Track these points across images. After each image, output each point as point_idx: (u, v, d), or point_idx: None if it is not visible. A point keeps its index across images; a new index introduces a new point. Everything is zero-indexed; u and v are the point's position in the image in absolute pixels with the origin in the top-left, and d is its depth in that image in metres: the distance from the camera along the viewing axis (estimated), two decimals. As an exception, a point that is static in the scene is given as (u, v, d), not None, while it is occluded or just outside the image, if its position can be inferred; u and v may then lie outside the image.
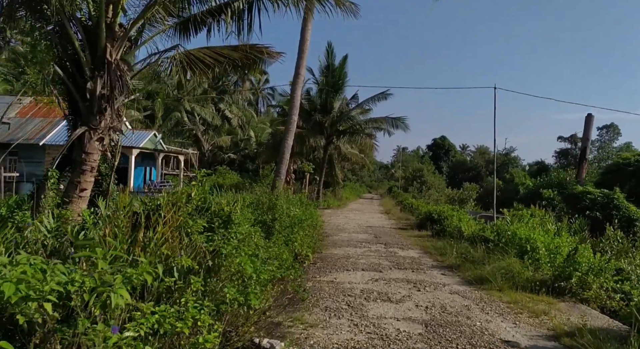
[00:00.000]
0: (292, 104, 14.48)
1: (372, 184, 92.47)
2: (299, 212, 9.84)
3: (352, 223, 18.85)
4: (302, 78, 14.51)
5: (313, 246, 10.00)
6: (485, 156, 78.71)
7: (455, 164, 78.14)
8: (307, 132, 28.76)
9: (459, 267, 9.24)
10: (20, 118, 26.94)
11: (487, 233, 10.82)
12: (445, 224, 14.68)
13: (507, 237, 9.39)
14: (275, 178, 14.16)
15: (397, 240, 13.73)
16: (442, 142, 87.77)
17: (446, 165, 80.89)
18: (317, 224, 12.14)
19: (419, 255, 10.98)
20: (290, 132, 14.15)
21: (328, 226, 17.13)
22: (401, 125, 30.22)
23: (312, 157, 33.64)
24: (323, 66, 29.80)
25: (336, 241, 12.68)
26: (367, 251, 11.28)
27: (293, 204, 10.45)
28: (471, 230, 12.22)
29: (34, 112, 27.20)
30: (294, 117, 14.15)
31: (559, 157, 64.26)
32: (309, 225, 10.32)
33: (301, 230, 9.28)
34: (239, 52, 11.17)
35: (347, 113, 29.99)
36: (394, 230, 16.96)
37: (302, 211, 10.27)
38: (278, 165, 14.22)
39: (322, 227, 14.49)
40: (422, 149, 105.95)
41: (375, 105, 30.42)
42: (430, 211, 17.36)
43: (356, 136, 30.58)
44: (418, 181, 47.80)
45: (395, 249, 11.85)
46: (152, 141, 30.82)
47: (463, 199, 28.74)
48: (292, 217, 9.34)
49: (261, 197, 9.65)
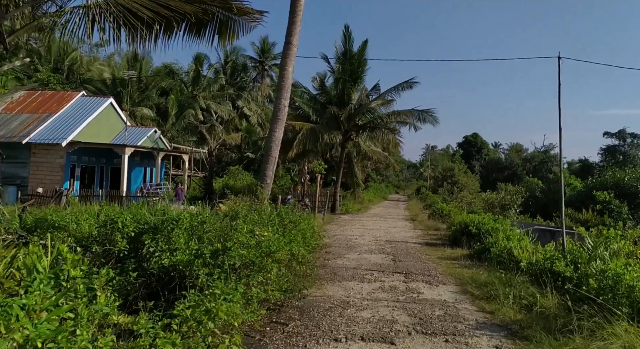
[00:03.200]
0: (281, 84, 11.04)
1: (400, 184, 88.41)
2: (271, 237, 6.44)
3: (368, 236, 15.33)
4: (294, 50, 11.06)
5: (293, 284, 6.61)
6: (522, 153, 73.20)
7: (488, 163, 72.90)
8: (321, 127, 25.35)
9: (523, 331, 5.63)
10: (5, 114, 24.62)
11: (559, 266, 7.13)
12: (488, 243, 11.00)
13: (606, 283, 5.69)
14: (259, 183, 10.79)
15: (424, 266, 10.14)
16: (473, 139, 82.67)
17: (478, 164, 75.78)
18: (310, 244, 8.70)
19: (454, 298, 7.39)
20: (278, 122, 10.74)
21: (335, 240, 13.68)
22: (429, 118, 26.44)
23: (329, 156, 30.23)
24: (339, 52, 26.35)
25: (337, 269, 9.22)
26: (379, 289, 7.77)
27: (265, 223, 7.07)
28: (530, 257, 8.52)
29: (22, 108, 24.82)
30: (284, 102, 10.74)
31: (605, 154, 58.46)
32: (290, 252, 6.91)
33: (273, 265, 5.89)
34: (193, 5, 7.86)
35: (366, 105, 26.37)
36: (420, 247, 13.34)
37: (276, 234, 6.86)
38: (262, 166, 10.88)
39: (319, 247, 11.05)
40: (452, 147, 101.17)
41: (399, 96, 26.77)
42: (466, 223, 13.66)
43: (377, 132, 26.93)
44: (449, 181, 43.57)
45: (420, 284, 8.29)
46: (152, 139, 28.09)
47: (505, 205, 24.34)
48: (259, 247, 5.95)
49: (214, 216, 6.33)
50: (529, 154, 69.61)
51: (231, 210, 8.24)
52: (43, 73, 43.87)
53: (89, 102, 25.82)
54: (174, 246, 5.94)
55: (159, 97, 45.18)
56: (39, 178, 23.23)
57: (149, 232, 6.12)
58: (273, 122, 10.85)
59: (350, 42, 25.99)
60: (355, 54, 26.07)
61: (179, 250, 5.76)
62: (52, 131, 23.42)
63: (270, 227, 7.10)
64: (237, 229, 5.74)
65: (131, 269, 5.80)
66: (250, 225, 6.42)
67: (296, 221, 8.41)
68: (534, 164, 63.19)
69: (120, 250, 5.92)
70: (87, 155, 24.95)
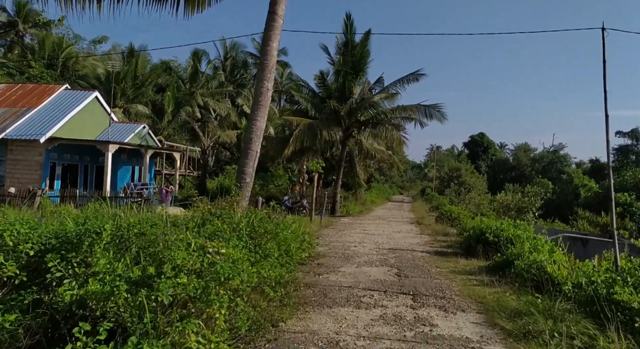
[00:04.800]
0: (264, 62, 9.19)
1: (404, 184, 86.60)
2: (233, 254, 4.68)
3: (369, 242, 13.55)
4: (280, 22, 9.23)
5: (262, 318, 4.86)
6: (530, 153, 71.08)
7: (495, 163, 70.88)
8: (320, 123, 23.58)
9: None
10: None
11: (622, 294, 5.33)
12: (511, 254, 9.21)
13: None
14: (235, 182, 8.99)
15: (435, 283, 8.34)
16: (480, 139, 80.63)
17: (485, 164, 73.79)
18: (293, 259, 6.92)
19: (479, 334, 5.60)
20: (260, 109, 8.94)
21: (331, 249, 11.91)
22: (436, 114, 24.60)
23: (329, 154, 28.46)
24: (340, 43, 24.56)
25: (329, 288, 7.45)
26: (379, 319, 6.00)
27: (229, 235, 5.31)
28: (570, 276, 6.73)
29: (0, 101, 23.21)
30: (267, 84, 8.91)
31: (617, 154, 56.34)
32: (259, 276, 5.15)
33: (224, 300, 4.13)
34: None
35: (369, 99, 24.57)
36: (429, 256, 11.54)
37: (244, 249, 5.10)
38: (240, 161, 9.06)
39: (310, 258, 9.29)
40: (457, 148, 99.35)
41: (404, 89, 24.85)
42: (481, 229, 11.86)
43: (381, 128, 25.09)
44: (455, 181, 41.63)
45: (433, 311, 6.51)
46: (140, 135, 26.41)
47: (522, 208, 22.17)
48: (210, 271, 4.19)
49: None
50: (538, 154, 67.54)
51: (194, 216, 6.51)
52: (36, 69, 42.39)
53: (72, 95, 24.18)
54: (90, 269, 4.24)
55: (155, 93, 43.61)
56: (16, 177, 21.62)
57: (56, 249, 4.40)
58: (254, 109, 9.01)
59: (352, 31, 24.21)
60: (357, 45, 24.28)
61: (96, 276, 4.05)
62: (30, 127, 21.79)
63: (237, 241, 5.34)
64: (171, 247, 3.99)
65: (27, 304, 4.12)
66: (202, 238, 4.67)
67: (274, 230, 6.62)
68: (542, 165, 61.18)
69: (12, 276, 4.21)
70: (69, 152, 23.30)
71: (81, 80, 40.03)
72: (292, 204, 24.07)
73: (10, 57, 46.51)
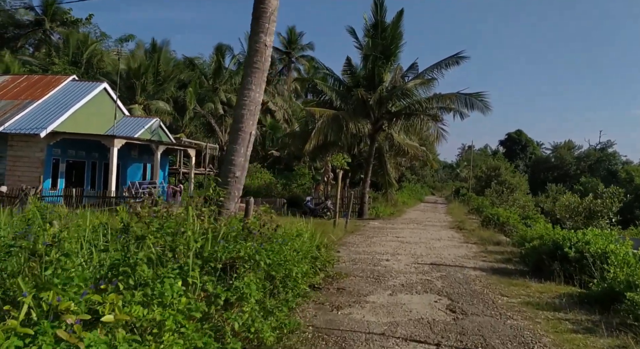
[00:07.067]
0: (260, 8, 6.53)
1: (435, 185, 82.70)
2: (139, 315, 2.15)
3: (405, 255, 10.85)
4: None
5: None
6: (574, 151, 66.09)
7: (535, 162, 66.26)
8: (345, 114, 20.98)
9: None
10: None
11: None
12: (615, 281, 6.39)
13: None
14: (220, 177, 6.50)
15: (511, 329, 5.55)
16: (517, 136, 75.93)
17: (523, 163, 69.26)
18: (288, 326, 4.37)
19: None
20: (255, 72, 6.34)
21: (357, 263, 9.30)
22: (478, 104, 21.57)
23: (356, 150, 25.77)
24: (369, 25, 21.85)
25: (349, 340, 4.83)
26: None
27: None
28: None
29: (1, 94, 21.67)
30: (264, 38, 6.09)
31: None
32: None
33: None
34: None
35: (401, 86, 21.77)
36: (486, 277, 8.72)
37: (178, 302, 2.55)
38: (228, 148, 6.48)
39: (329, 279, 6.72)
40: (490, 148, 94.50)
41: (442, 75, 21.86)
42: (554, 240, 9.00)
43: (415, 119, 22.20)
44: (495, 181, 38.11)
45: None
46: (151, 130, 24.49)
47: (594, 213, 18.36)
48: None
49: None
50: (584, 152, 62.54)
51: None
52: (59, 65, 41.55)
53: (78, 87, 22.45)
54: None
55: (177, 90, 42.14)
56: (16, 175, 19.95)
57: None
58: (247, 73, 6.30)
59: (383, 11, 21.47)
60: (389, 26, 21.53)
61: None
62: (31, 120, 20.10)
63: (172, 280, 2.82)
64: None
65: None
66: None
67: (252, 255, 4.03)
68: (589, 163, 56.42)
69: None
70: (74, 148, 21.53)
71: (104, 78, 38.89)
72: (315, 205, 21.64)
73: (38, 55, 46.06)
